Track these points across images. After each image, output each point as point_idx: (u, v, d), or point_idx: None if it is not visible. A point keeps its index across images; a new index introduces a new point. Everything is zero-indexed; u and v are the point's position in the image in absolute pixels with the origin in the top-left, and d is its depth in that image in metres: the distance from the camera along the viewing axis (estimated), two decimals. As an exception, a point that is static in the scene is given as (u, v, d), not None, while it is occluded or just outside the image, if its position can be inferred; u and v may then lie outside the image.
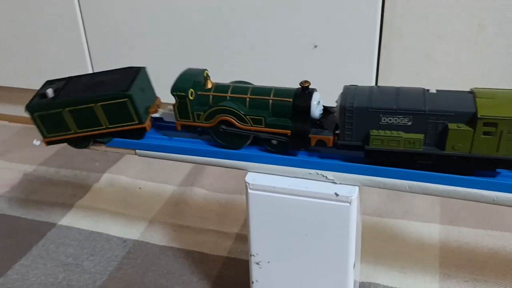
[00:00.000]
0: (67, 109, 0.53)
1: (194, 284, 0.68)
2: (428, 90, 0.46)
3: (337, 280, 0.52)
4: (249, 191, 0.50)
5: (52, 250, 0.75)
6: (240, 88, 0.52)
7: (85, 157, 1.01)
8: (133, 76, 0.54)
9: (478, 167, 0.45)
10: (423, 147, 0.45)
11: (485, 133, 0.43)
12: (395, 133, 0.45)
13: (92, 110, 0.53)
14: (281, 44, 0.90)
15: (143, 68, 0.57)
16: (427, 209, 0.81)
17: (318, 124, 0.50)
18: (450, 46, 0.82)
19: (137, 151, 0.54)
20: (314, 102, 0.48)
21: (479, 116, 0.42)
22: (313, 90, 0.49)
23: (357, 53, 0.86)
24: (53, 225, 0.81)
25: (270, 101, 0.50)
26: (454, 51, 0.82)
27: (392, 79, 0.87)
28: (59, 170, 0.97)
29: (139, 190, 0.90)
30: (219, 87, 0.52)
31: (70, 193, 0.89)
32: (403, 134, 0.45)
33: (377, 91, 0.46)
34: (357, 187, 0.48)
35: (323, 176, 0.48)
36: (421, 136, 0.45)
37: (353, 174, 0.47)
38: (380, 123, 0.45)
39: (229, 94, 0.51)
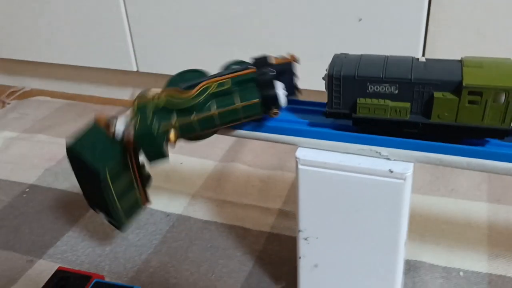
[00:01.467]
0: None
1: (238, 258, 0.69)
2: (417, 58, 0.45)
3: (387, 258, 0.51)
4: (299, 166, 0.49)
5: (98, 223, 0.77)
6: (204, 107, 0.50)
7: (126, 133, 1.02)
8: (78, 154, 0.53)
9: (464, 136, 0.45)
10: (410, 115, 0.45)
11: (470, 102, 0.43)
12: (382, 101, 0.45)
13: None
14: (326, 18, 0.88)
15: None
16: (474, 187, 0.79)
17: None
18: (502, 20, 0.79)
19: (185, 125, 0.54)
20: (280, 93, 0.49)
21: (464, 84, 0.42)
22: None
23: (403, 27, 0.83)
24: (98, 198, 0.83)
25: (240, 107, 0.50)
26: (506, 26, 0.79)
27: (439, 53, 0.84)
28: (102, 145, 0.98)
29: (180, 165, 0.90)
30: (180, 119, 0.50)
31: (113, 168, 0.91)
32: (390, 103, 0.45)
33: (366, 59, 0.46)
34: (412, 164, 0.47)
35: (377, 152, 0.47)
36: (407, 104, 0.45)
37: (409, 150, 0.46)
38: (367, 91, 0.45)
39: (193, 118, 0.50)
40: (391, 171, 0.46)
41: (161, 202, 0.81)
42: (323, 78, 0.47)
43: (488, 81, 0.41)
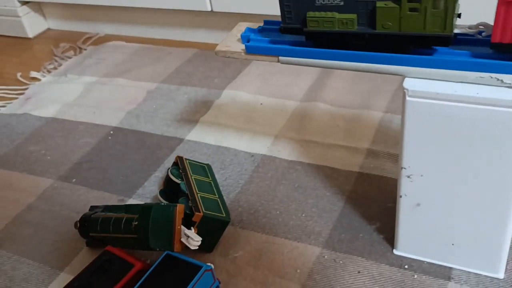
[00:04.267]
0: None
1: (327, 198, 0.67)
2: None
3: (502, 197, 0.47)
4: (407, 98, 0.46)
5: (183, 163, 0.77)
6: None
7: (203, 74, 1.01)
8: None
9: (410, 46, 0.45)
10: (357, 27, 0.46)
11: (411, 10, 0.43)
12: (329, 14, 0.46)
13: None
14: None
15: None
16: None
17: None
18: None
19: (280, 58, 0.51)
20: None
21: None
22: None
23: None
24: (181, 140, 0.83)
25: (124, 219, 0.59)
26: None
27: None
28: (180, 87, 0.98)
29: (260, 106, 0.88)
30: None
31: (193, 109, 0.90)
32: (337, 15, 0.46)
33: None
34: (540, 92, 0.42)
35: (498, 80, 0.43)
36: (354, 16, 0.46)
37: (537, 76, 0.41)
38: (315, 4, 0.47)
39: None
40: (515, 101, 0.42)
41: (244, 142, 0.80)
42: None
43: None
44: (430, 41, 0.44)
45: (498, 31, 0.41)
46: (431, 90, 0.44)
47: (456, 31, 0.46)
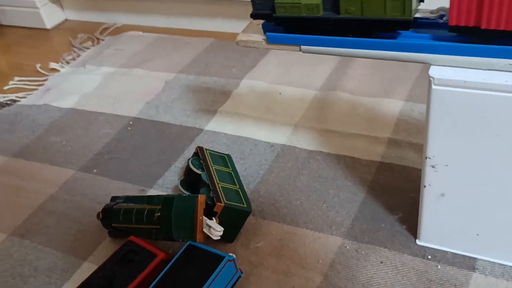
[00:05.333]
0: None
1: (349, 188, 0.67)
2: None
3: (530, 186, 0.47)
4: (433, 87, 0.45)
5: (203, 153, 0.77)
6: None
7: (221, 64, 1.00)
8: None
9: (373, 30, 0.47)
10: (323, 12, 0.48)
11: None
12: (296, 0, 0.48)
13: None
14: None
15: None
16: None
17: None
18: None
19: (302, 47, 0.51)
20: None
21: None
22: None
23: None
24: (200, 130, 0.83)
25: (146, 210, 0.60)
26: None
27: None
28: (198, 77, 0.97)
29: (279, 95, 0.88)
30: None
31: (212, 99, 0.90)
32: (303, 0, 0.48)
33: None
34: None
35: (528, 67, 0.42)
36: (318, 1, 0.48)
37: None
38: None
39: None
40: (545, 89, 0.41)
41: (263, 132, 0.79)
42: None
43: None
44: (390, 25, 0.45)
45: (454, 14, 0.42)
46: (458, 78, 0.43)
47: (418, 15, 0.47)
